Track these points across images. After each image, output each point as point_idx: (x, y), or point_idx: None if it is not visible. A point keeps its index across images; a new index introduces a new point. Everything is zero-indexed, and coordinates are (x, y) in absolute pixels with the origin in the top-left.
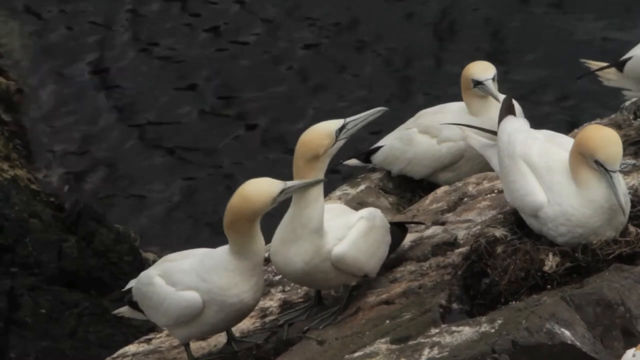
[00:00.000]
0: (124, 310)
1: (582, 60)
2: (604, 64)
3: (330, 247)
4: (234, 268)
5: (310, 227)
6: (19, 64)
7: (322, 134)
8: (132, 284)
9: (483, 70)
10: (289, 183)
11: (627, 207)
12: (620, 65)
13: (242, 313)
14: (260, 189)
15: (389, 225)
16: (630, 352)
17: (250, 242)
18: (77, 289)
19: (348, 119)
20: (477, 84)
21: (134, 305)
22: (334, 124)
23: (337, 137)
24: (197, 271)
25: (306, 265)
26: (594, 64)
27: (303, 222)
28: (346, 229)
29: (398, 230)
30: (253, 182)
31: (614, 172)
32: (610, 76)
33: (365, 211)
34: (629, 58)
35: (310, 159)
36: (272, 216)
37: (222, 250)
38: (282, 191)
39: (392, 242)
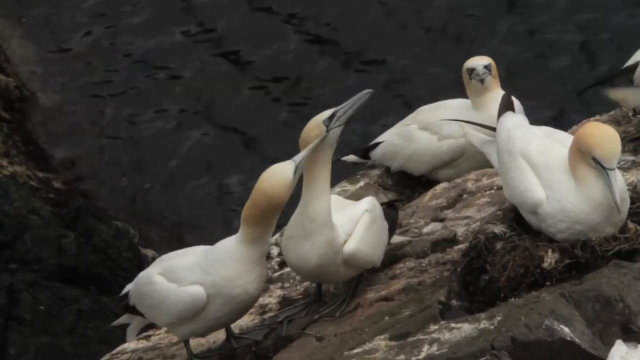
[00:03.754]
0: (123, 319)
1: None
2: (624, 91)
3: (340, 240)
4: (240, 257)
5: (319, 220)
6: (19, 61)
7: (311, 125)
8: (128, 287)
9: (476, 59)
10: (297, 158)
11: (626, 204)
12: (629, 73)
13: (245, 305)
14: (278, 182)
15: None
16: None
17: (270, 230)
18: (77, 285)
19: (337, 108)
20: (471, 72)
21: (132, 310)
22: (321, 115)
23: (327, 126)
24: (201, 266)
25: (320, 259)
26: (614, 94)
27: (311, 216)
28: (352, 223)
29: (391, 212)
30: (268, 177)
31: (611, 169)
32: (626, 95)
33: (366, 203)
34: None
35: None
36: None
37: (229, 241)
38: (296, 170)
39: (390, 226)
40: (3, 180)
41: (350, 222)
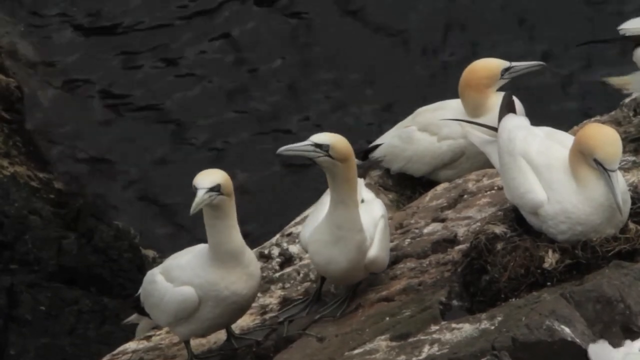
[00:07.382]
0: (133, 318)
1: (602, 79)
2: (624, 77)
3: (368, 244)
4: (213, 261)
5: (346, 227)
6: (19, 62)
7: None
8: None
9: (499, 61)
10: (207, 194)
11: (627, 204)
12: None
13: (239, 306)
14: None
15: None
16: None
17: (213, 232)
18: (77, 286)
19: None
20: (505, 71)
21: (141, 310)
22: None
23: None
24: (192, 267)
25: (349, 262)
26: (614, 80)
27: (337, 223)
28: (373, 227)
29: None
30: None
31: (613, 171)
32: (627, 81)
33: (379, 207)
34: None
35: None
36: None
37: (204, 246)
38: (205, 189)
39: None
40: (4, 181)
41: (372, 226)
